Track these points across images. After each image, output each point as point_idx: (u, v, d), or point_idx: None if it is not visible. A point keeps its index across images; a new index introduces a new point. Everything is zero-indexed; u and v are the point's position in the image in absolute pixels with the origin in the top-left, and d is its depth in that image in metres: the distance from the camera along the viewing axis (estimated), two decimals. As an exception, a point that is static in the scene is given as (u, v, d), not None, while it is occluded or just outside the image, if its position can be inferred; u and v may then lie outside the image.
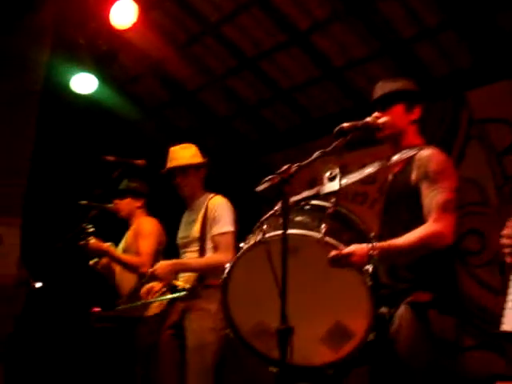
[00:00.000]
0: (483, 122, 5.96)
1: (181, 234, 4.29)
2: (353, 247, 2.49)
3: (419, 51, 6.14)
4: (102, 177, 4.36)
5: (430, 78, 6.21)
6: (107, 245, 4.77)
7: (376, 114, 2.96)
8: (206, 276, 3.96)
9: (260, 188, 2.37)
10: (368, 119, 2.90)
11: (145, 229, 4.97)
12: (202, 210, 4.12)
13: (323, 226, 2.45)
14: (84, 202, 4.74)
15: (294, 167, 2.41)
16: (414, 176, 2.79)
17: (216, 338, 3.79)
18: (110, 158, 4.37)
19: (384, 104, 2.99)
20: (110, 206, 5.07)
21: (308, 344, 2.55)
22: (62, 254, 4.73)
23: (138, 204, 5.20)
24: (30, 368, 6.20)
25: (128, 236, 5.10)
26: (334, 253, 2.42)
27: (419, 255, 2.65)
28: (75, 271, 5.71)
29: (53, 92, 6.44)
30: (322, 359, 2.59)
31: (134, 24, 5.93)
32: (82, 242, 4.68)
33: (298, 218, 2.57)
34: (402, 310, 2.65)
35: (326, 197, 2.54)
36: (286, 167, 2.39)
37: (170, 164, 4.28)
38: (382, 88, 3.05)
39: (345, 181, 2.51)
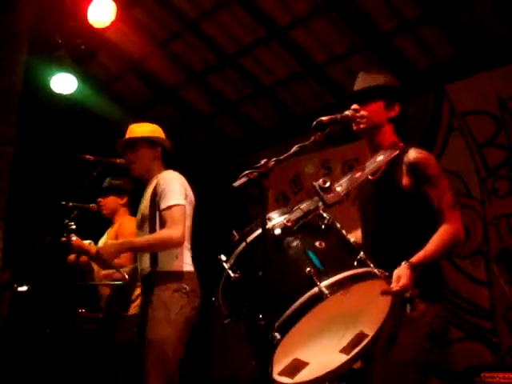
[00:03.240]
0: (464, 114, 5.99)
1: (137, 214, 4.04)
2: (398, 273, 2.51)
3: (399, 45, 6.15)
4: (82, 176, 4.29)
5: (411, 71, 6.23)
6: (88, 243, 4.72)
7: (355, 106, 2.93)
8: (159, 261, 3.74)
9: (237, 183, 2.32)
10: (347, 112, 2.87)
11: (126, 229, 4.92)
12: (152, 186, 3.86)
13: (361, 254, 2.37)
14: (65, 202, 4.68)
15: (272, 161, 2.37)
16: (406, 180, 2.78)
17: (171, 331, 3.57)
18: (89, 157, 4.29)
19: (364, 97, 2.95)
20: (91, 205, 5.02)
21: (327, 358, 2.55)
22: (44, 255, 4.67)
23: (122, 201, 5.17)
24: (16, 369, 6.16)
25: (109, 235, 5.07)
26: (395, 288, 2.44)
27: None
28: (58, 272, 5.66)
29: (33, 93, 6.39)
30: (334, 365, 2.59)
31: (113, 22, 5.87)
32: (63, 239, 4.62)
33: (322, 244, 2.38)
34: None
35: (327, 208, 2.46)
36: (263, 161, 2.35)
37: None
38: (364, 80, 2.99)
39: (339, 188, 2.46)
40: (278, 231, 2.37)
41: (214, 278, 2.58)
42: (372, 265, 2.38)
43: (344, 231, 2.55)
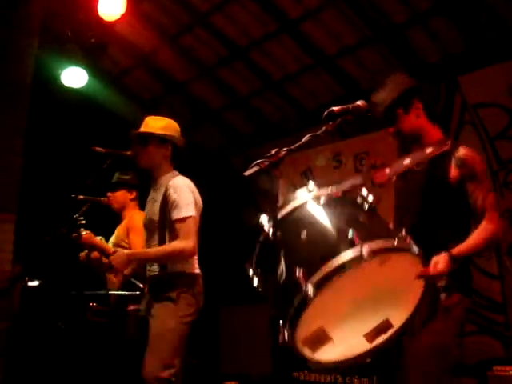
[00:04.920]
0: (476, 106, 5.95)
1: (145, 215, 4.02)
2: (436, 259, 2.60)
3: (411, 37, 6.11)
4: (92, 168, 4.29)
5: (423, 63, 6.19)
6: (99, 238, 4.72)
7: (390, 131, 3.03)
8: (168, 262, 3.77)
9: (248, 172, 2.31)
10: (359, 102, 2.84)
11: (137, 224, 4.90)
12: (163, 190, 3.82)
13: (403, 232, 2.40)
14: (75, 195, 4.68)
15: (283, 151, 2.37)
16: (454, 173, 2.86)
17: (177, 325, 3.63)
18: (99, 149, 4.29)
19: (387, 118, 3.03)
20: (103, 199, 5.03)
21: (350, 340, 2.53)
22: (55, 249, 4.68)
23: (131, 196, 5.17)
24: (28, 362, 6.19)
25: (119, 230, 5.06)
26: (431, 272, 2.53)
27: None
28: (68, 265, 5.68)
29: (43, 86, 6.40)
30: (356, 351, 2.56)
31: (123, 16, 5.88)
32: (74, 235, 4.63)
33: (365, 219, 2.42)
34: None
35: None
36: (274, 151, 2.35)
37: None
38: (379, 103, 3.05)
39: (388, 171, 2.50)
40: (323, 200, 2.39)
41: (248, 244, 2.59)
42: (412, 242, 2.39)
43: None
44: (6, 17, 5.55)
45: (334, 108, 2.65)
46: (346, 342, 2.51)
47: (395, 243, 2.32)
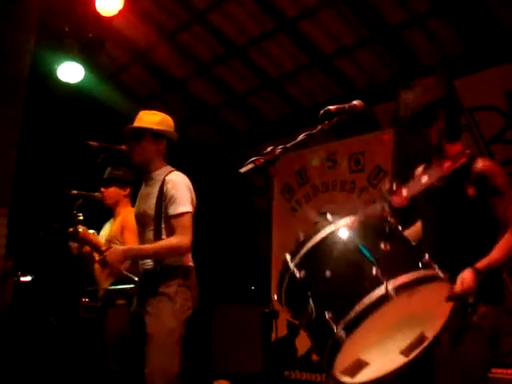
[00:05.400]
0: (472, 110, 5.94)
1: (137, 209, 3.96)
2: (462, 276, 2.59)
3: (408, 38, 6.11)
4: (86, 163, 4.27)
5: (419, 65, 6.19)
6: (93, 234, 4.70)
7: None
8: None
9: (243, 169, 2.30)
10: (355, 102, 2.83)
11: (131, 222, 4.87)
12: (158, 185, 3.78)
13: (426, 257, 2.38)
14: (71, 190, 4.66)
15: (279, 149, 2.37)
16: (473, 189, 2.80)
17: (177, 324, 3.59)
18: (94, 143, 4.26)
19: (414, 127, 2.95)
20: (96, 194, 5.00)
21: (387, 359, 2.54)
22: (49, 244, 4.66)
23: (125, 192, 5.12)
24: (19, 357, 6.18)
25: (113, 226, 5.02)
26: (457, 290, 2.53)
27: None
28: (62, 260, 5.66)
29: (39, 81, 6.38)
30: (393, 366, 2.56)
31: (121, 12, 5.88)
32: (71, 230, 4.60)
33: (387, 247, 2.38)
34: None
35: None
36: (270, 149, 2.35)
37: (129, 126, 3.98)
38: (403, 107, 2.96)
39: (405, 193, 2.46)
40: (343, 232, 2.37)
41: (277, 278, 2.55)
42: (436, 267, 2.38)
43: (405, 234, 2.58)
44: (4, 12, 5.53)
45: (330, 107, 2.64)
46: (384, 361, 2.52)
47: (420, 274, 2.30)
